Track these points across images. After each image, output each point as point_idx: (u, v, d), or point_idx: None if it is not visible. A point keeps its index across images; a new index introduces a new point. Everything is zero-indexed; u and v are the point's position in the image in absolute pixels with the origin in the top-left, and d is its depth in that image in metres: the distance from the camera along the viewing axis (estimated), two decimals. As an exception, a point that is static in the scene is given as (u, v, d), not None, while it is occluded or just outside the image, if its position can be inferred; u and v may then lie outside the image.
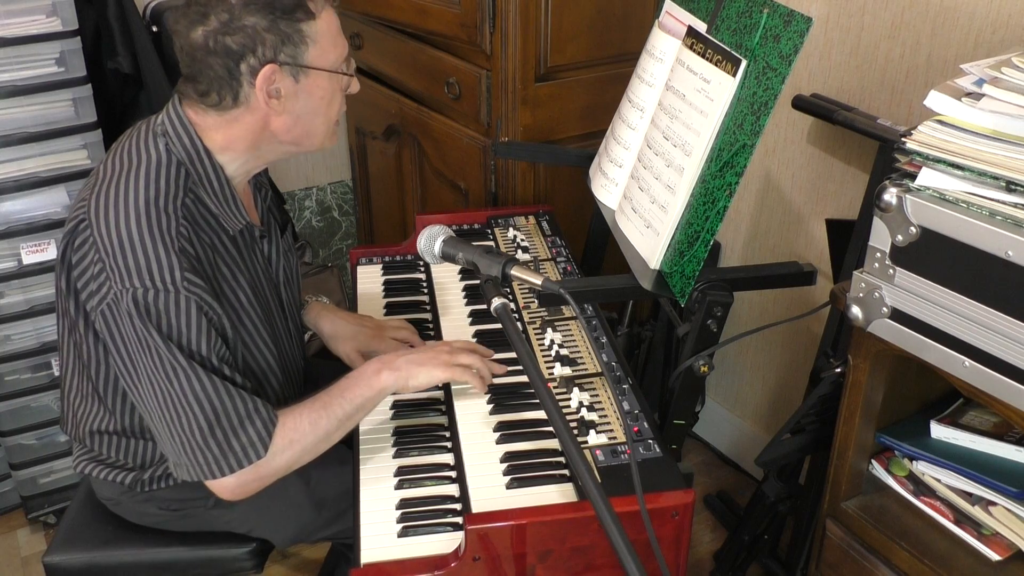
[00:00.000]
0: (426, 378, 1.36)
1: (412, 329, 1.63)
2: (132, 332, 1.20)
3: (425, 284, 1.79)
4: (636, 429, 1.33)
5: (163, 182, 1.26)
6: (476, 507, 1.22)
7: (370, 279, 1.83)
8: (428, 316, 1.70)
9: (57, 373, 2.16)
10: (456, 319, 1.66)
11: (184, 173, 1.28)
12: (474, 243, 1.33)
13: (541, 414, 1.38)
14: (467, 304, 1.70)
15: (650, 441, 1.31)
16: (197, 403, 1.22)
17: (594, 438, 1.31)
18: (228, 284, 1.32)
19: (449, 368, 1.37)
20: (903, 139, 1.11)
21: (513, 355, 1.48)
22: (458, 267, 1.70)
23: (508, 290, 1.68)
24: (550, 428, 1.35)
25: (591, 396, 1.40)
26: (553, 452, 1.32)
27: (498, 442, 1.34)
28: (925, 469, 1.30)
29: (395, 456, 1.36)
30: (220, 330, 1.27)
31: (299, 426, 1.29)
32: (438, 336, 1.62)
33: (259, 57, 1.23)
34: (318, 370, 1.72)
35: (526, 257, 1.81)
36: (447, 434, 1.40)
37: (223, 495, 1.29)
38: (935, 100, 1.11)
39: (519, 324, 1.59)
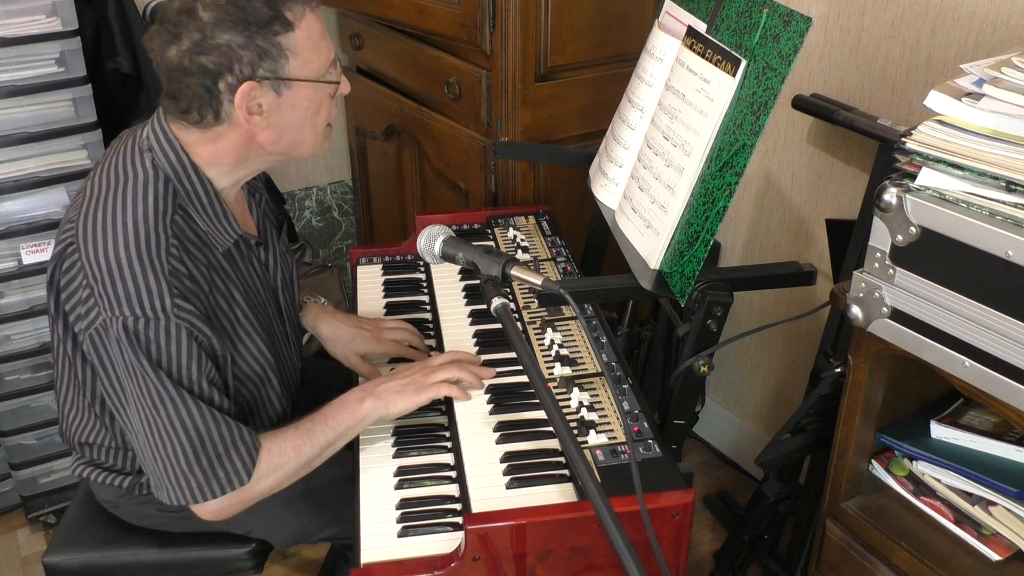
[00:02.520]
0: (405, 405, 1.36)
1: (411, 328, 1.63)
2: (121, 359, 1.19)
3: (425, 284, 1.79)
4: (636, 429, 1.33)
5: (151, 200, 1.23)
6: (476, 507, 1.22)
7: (370, 279, 1.83)
8: (428, 316, 1.70)
9: (57, 373, 2.16)
10: (456, 319, 1.65)
11: (172, 190, 1.26)
12: (474, 243, 1.32)
13: (541, 414, 1.38)
14: (467, 304, 1.70)
15: (650, 441, 1.31)
16: (184, 430, 1.21)
17: (594, 438, 1.31)
18: (224, 298, 1.31)
19: (426, 390, 1.37)
20: (903, 139, 1.11)
21: (513, 355, 1.48)
22: (458, 267, 1.70)
23: (508, 290, 1.68)
24: (550, 428, 1.35)
25: (591, 396, 1.40)
26: (553, 452, 1.32)
27: (498, 442, 1.34)
28: (925, 469, 1.30)
29: (395, 456, 1.36)
30: (211, 353, 1.26)
31: (283, 452, 1.29)
32: (438, 336, 1.62)
33: (237, 75, 1.20)
34: (316, 371, 1.72)
35: (526, 257, 1.81)
36: (447, 434, 1.40)
37: (205, 517, 1.29)
38: (935, 100, 1.11)
39: (519, 324, 1.59)
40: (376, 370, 1.55)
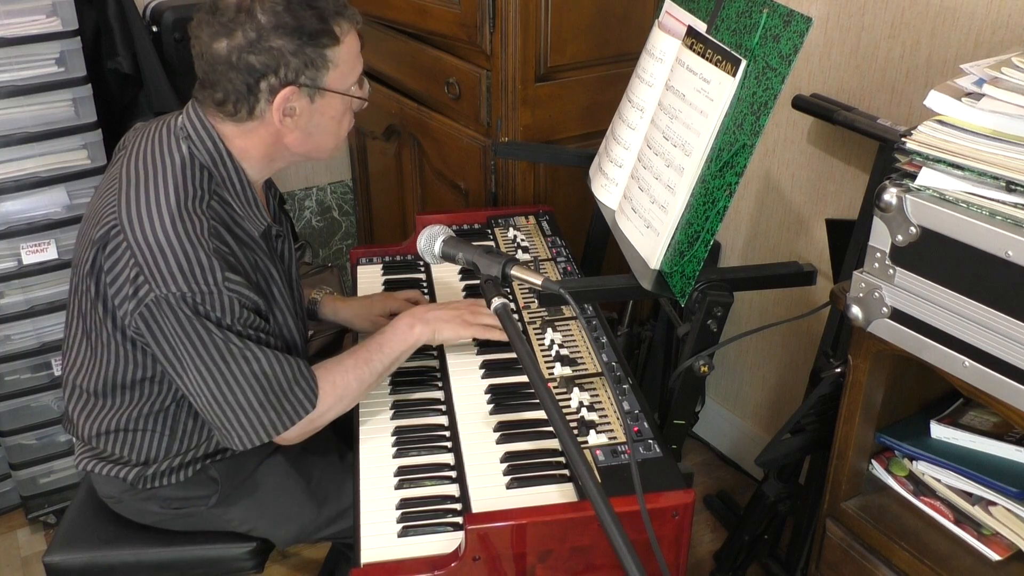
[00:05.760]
0: (451, 334, 1.45)
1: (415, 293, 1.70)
2: (179, 328, 1.23)
3: (425, 284, 1.80)
4: (636, 429, 1.33)
5: (190, 185, 1.28)
6: (476, 507, 1.22)
7: (370, 279, 1.83)
8: (428, 314, 1.70)
9: (57, 373, 2.16)
10: (456, 319, 1.65)
11: (207, 176, 1.30)
12: (474, 243, 1.33)
13: (541, 414, 1.38)
14: (467, 304, 1.70)
15: (650, 441, 1.31)
16: (254, 376, 1.27)
17: (594, 438, 1.31)
18: (264, 278, 1.36)
19: (472, 327, 1.45)
20: (903, 139, 1.11)
21: (513, 355, 1.48)
22: (458, 267, 1.70)
23: (508, 290, 1.68)
24: (550, 428, 1.35)
25: (591, 396, 1.40)
26: (553, 452, 1.32)
27: (498, 442, 1.34)
28: (925, 469, 1.30)
29: (395, 456, 1.36)
30: (259, 312, 1.31)
31: (347, 382, 1.37)
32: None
33: (280, 78, 1.26)
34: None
35: (526, 257, 1.81)
36: (447, 434, 1.40)
37: (282, 442, 1.37)
38: (935, 100, 1.11)
39: (519, 324, 1.59)
40: None
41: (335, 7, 1.29)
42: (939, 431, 1.32)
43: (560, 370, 1.46)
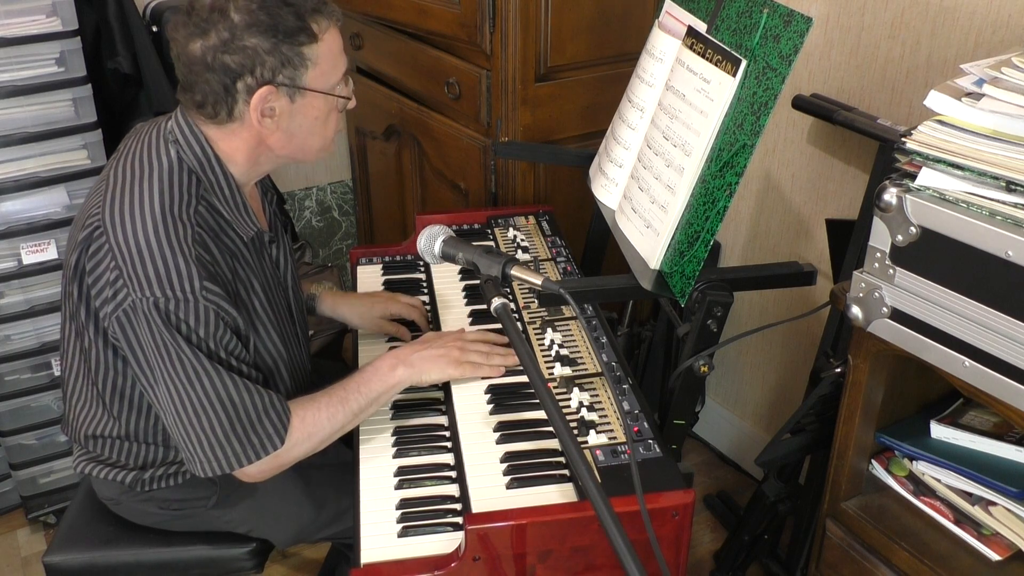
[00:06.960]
0: (439, 375, 1.41)
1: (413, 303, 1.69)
2: (151, 338, 1.21)
3: (425, 284, 1.80)
4: (636, 429, 1.33)
5: (176, 189, 1.26)
6: (476, 507, 1.22)
7: (370, 279, 1.83)
8: (428, 316, 1.70)
9: (57, 373, 2.16)
10: (456, 319, 1.65)
11: (195, 180, 1.29)
12: (474, 243, 1.33)
13: (541, 414, 1.38)
14: (467, 304, 1.70)
15: (650, 441, 1.31)
16: (219, 402, 1.24)
17: (594, 438, 1.31)
18: (244, 288, 1.33)
19: (460, 366, 1.41)
20: (903, 139, 1.11)
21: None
22: (458, 267, 1.70)
23: (508, 290, 1.68)
24: (550, 428, 1.35)
25: (591, 396, 1.40)
26: (553, 452, 1.32)
27: (498, 442, 1.34)
28: (925, 469, 1.30)
29: (395, 456, 1.36)
30: (236, 332, 1.29)
31: (318, 420, 1.33)
32: (438, 336, 1.62)
33: (257, 77, 1.24)
34: (322, 369, 1.72)
35: (526, 257, 1.81)
36: (447, 434, 1.40)
37: (245, 479, 1.33)
38: (935, 100, 1.11)
39: (519, 324, 1.59)
40: (404, 328, 1.62)
41: (312, 4, 1.26)
42: (939, 431, 1.32)
43: (560, 370, 1.46)
